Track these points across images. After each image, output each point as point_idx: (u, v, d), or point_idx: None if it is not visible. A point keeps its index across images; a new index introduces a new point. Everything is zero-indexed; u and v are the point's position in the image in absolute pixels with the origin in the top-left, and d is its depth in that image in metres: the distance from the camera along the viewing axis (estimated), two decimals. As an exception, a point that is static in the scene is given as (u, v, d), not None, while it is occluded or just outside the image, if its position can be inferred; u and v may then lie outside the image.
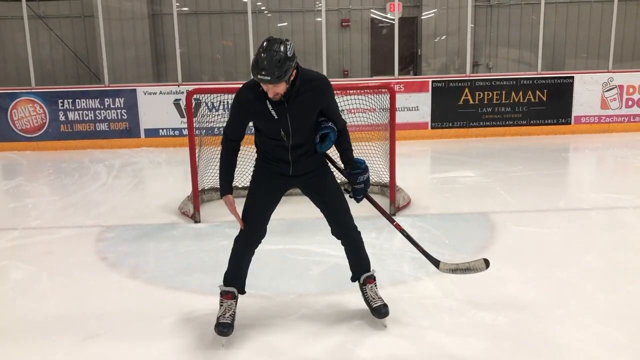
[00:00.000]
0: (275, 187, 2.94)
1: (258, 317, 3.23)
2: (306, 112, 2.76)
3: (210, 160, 5.68)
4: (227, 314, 2.95)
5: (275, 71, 2.50)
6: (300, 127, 2.78)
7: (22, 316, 3.33)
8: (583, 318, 3.13)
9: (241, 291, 3.07)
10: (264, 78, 2.52)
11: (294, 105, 2.70)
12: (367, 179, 3.04)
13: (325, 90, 2.79)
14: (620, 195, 5.64)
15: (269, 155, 2.91)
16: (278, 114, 2.71)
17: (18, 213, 5.72)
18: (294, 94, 2.69)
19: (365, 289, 3.13)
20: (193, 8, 11.83)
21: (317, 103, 2.78)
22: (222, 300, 3.01)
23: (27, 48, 9.15)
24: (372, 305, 3.07)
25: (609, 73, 9.24)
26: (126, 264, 4.15)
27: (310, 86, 2.72)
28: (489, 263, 3.08)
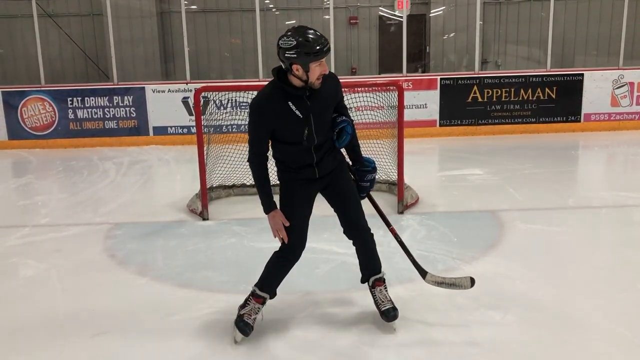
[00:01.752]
0: (307, 196, 2.92)
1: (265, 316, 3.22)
2: (326, 105, 2.78)
3: (219, 158, 5.69)
4: (253, 316, 2.96)
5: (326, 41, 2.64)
6: (322, 123, 2.77)
7: (31, 313, 3.36)
8: (592, 316, 3.10)
9: (273, 297, 3.07)
10: (328, 47, 2.61)
11: (315, 100, 2.71)
12: (373, 178, 3.05)
13: (338, 83, 2.87)
14: (630, 193, 5.59)
15: (292, 164, 2.85)
16: (302, 113, 2.69)
17: (28, 210, 5.76)
18: (315, 92, 2.69)
19: (375, 292, 3.11)
20: (201, 6, 11.85)
21: (333, 96, 2.82)
22: (251, 300, 3.00)
23: (37, 46, 9.20)
24: (381, 308, 3.06)
25: (619, 70, 9.16)
26: (134, 261, 4.17)
27: (326, 81, 2.72)
28: (475, 282, 3.05)
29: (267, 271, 3.02)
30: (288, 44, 2.56)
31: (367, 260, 3.12)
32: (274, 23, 11.92)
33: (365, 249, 3.09)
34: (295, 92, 2.66)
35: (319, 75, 2.62)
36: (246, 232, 4.71)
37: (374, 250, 3.11)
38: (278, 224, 2.84)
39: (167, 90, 9.12)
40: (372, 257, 3.12)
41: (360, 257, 3.12)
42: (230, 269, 3.98)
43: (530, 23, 11.93)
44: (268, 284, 3.02)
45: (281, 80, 2.67)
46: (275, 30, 11.54)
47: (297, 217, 2.89)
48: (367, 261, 3.12)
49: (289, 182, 2.90)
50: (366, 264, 3.13)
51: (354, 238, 3.06)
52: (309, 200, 2.95)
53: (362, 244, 3.07)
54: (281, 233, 2.86)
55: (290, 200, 2.90)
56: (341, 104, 2.93)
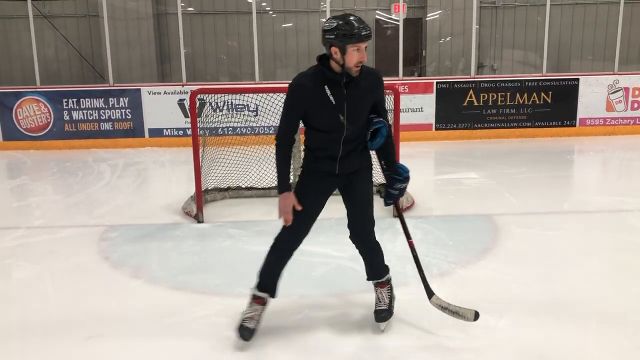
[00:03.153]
0: (323, 189, 2.90)
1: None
2: (363, 99, 2.76)
3: (214, 161, 5.68)
4: (254, 320, 2.94)
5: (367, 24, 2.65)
6: (356, 116, 2.75)
7: (24, 315, 3.33)
8: (588, 321, 3.10)
9: (273, 295, 3.03)
10: (368, 33, 2.62)
11: (352, 91, 2.71)
12: (404, 188, 3.04)
13: (381, 82, 2.85)
14: (625, 198, 5.61)
15: (319, 153, 2.83)
16: (336, 100, 2.69)
17: (22, 212, 5.73)
18: (353, 81, 2.70)
19: (376, 291, 3.17)
20: (198, 8, 11.84)
21: (373, 92, 2.80)
22: (252, 303, 2.99)
23: (33, 47, 9.17)
24: (375, 308, 3.11)
25: (614, 75, 9.20)
26: (129, 263, 4.15)
27: (368, 75, 2.75)
28: (478, 316, 2.97)
29: (263, 268, 3.01)
30: (329, 26, 2.61)
31: (372, 266, 3.15)
32: (271, 26, 11.93)
33: (370, 257, 3.11)
34: (333, 76, 2.67)
35: (357, 62, 2.63)
36: (241, 235, 4.70)
37: (379, 258, 3.13)
38: (287, 206, 2.77)
39: (163, 92, 9.11)
40: (377, 263, 3.14)
41: (366, 263, 3.15)
42: (224, 271, 3.96)
43: (526, 27, 11.97)
44: (266, 275, 3.00)
45: (323, 65, 2.69)
46: (272, 33, 11.55)
47: (305, 207, 2.85)
48: (372, 268, 3.16)
49: (308, 172, 2.89)
50: (370, 270, 3.17)
51: (360, 246, 3.08)
52: (324, 195, 2.92)
53: (367, 252, 3.10)
54: (287, 216, 2.79)
55: (304, 188, 2.89)
56: (381, 105, 2.90)
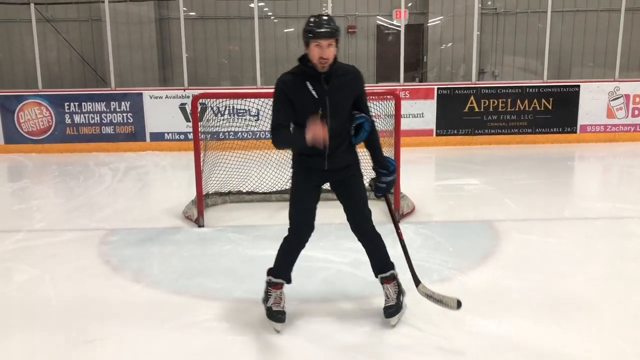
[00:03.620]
0: (313, 186, 3.08)
1: (259, 323, 3.21)
2: (343, 94, 2.93)
3: (215, 165, 5.69)
4: (281, 303, 3.14)
5: (333, 24, 2.81)
6: (337, 110, 2.91)
7: (23, 319, 3.34)
8: (588, 327, 3.11)
9: (289, 282, 3.24)
10: (323, 31, 2.76)
11: (333, 87, 2.88)
12: (392, 180, 3.14)
13: (360, 78, 3.02)
14: (625, 205, 5.61)
15: (306, 151, 2.93)
16: (318, 94, 2.87)
17: (23, 215, 5.73)
18: (333, 76, 2.88)
19: (383, 288, 3.25)
20: (200, 13, 11.87)
21: (353, 88, 2.97)
22: (271, 290, 3.17)
23: (35, 51, 9.20)
24: (384, 304, 3.20)
25: (615, 82, 9.22)
26: (129, 267, 4.15)
27: (348, 72, 2.95)
28: (461, 305, 3.03)
29: (278, 258, 3.20)
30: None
31: (375, 259, 3.25)
32: (272, 31, 11.97)
33: (372, 249, 3.22)
34: (313, 73, 2.84)
35: (318, 58, 2.79)
36: (241, 240, 4.70)
37: (381, 250, 3.23)
38: (318, 128, 2.69)
39: (165, 96, 9.13)
40: (379, 256, 3.24)
41: (369, 256, 3.25)
42: (225, 276, 3.96)
43: (527, 34, 12.01)
44: (281, 270, 3.19)
45: (303, 63, 2.88)
46: (274, 37, 11.59)
47: (303, 203, 3.07)
48: (375, 260, 3.25)
49: (299, 170, 3.07)
50: (374, 263, 3.26)
51: (360, 239, 3.20)
52: (316, 191, 3.10)
53: (368, 244, 3.20)
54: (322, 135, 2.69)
55: (297, 186, 3.09)
56: (362, 101, 3.03)
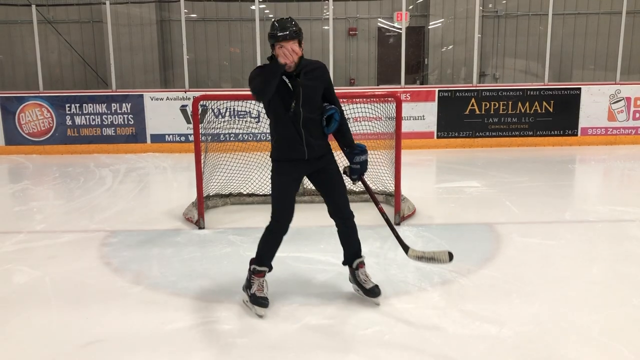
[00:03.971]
0: (294, 174, 3.33)
1: (260, 325, 3.21)
2: (314, 85, 3.25)
3: (216, 167, 5.69)
4: (264, 290, 3.38)
5: (294, 27, 3.09)
6: (309, 100, 3.23)
7: (23, 320, 3.33)
8: (589, 331, 3.09)
9: (270, 269, 3.48)
10: (283, 34, 3.05)
11: (305, 80, 3.21)
12: (364, 160, 3.39)
13: (327, 71, 3.36)
14: (626, 208, 5.60)
15: (284, 143, 3.26)
16: (293, 86, 3.19)
17: (23, 216, 5.73)
18: (303, 71, 3.20)
19: (358, 273, 3.50)
20: (201, 15, 11.88)
21: (322, 80, 3.30)
22: (255, 278, 3.40)
23: (36, 52, 9.22)
24: (366, 287, 3.45)
25: (616, 85, 9.22)
26: (130, 269, 4.14)
27: (316, 67, 3.29)
28: (453, 257, 3.28)
29: (261, 247, 3.42)
30: None
31: (351, 243, 3.49)
32: (274, 33, 11.96)
33: (350, 232, 3.46)
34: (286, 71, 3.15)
35: (281, 58, 3.03)
36: (242, 242, 4.69)
37: (356, 235, 3.48)
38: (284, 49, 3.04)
39: (166, 98, 9.14)
40: (355, 240, 3.49)
41: (344, 241, 3.48)
42: (225, 278, 3.95)
43: (528, 37, 12.02)
44: (264, 258, 3.42)
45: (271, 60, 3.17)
46: (275, 40, 11.57)
47: (283, 193, 3.31)
48: (351, 244, 3.49)
49: (279, 162, 3.32)
50: (349, 248, 3.50)
51: (339, 223, 3.43)
52: (296, 181, 3.38)
53: (347, 228, 3.44)
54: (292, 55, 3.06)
55: (278, 178, 3.32)
56: (331, 92, 3.35)
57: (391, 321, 3.25)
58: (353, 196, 5.86)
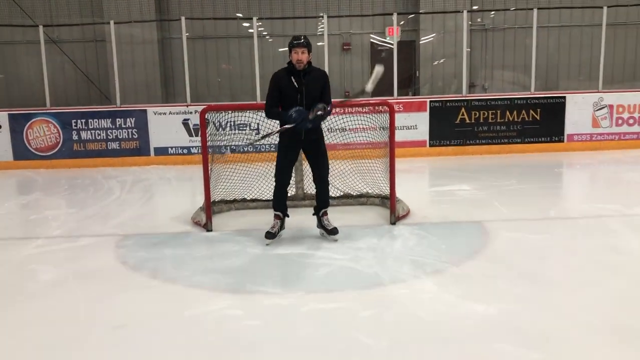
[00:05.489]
0: (292, 148, 4.81)
1: (270, 310, 3.54)
2: (314, 86, 4.62)
3: (220, 177, 6.01)
4: (275, 228, 4.88)
5: (305, 40, 4.58)
6: (310, 96, 4.58)
7: (55, 309, 3.65)
8: (568, 308, 3.43)
9: (285, 214, 4.98)
10: (297, 42, 4.53)
11: (308, 81, 4.61)
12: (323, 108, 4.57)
13: (326, 77, 4.75)
14: (607, 205, 5.97)
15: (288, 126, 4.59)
16: (298, 84, 4.59)
17: (39, 224, 6.04)
18: (309, 73, 4.61)
19: (323, 219, 4.97)
20: (200, 33, 12.30)
21: (321, 82, 4.66)
22: (273, 220, 4.94)
23: (43, 71, 9.59)
24: (328, 228, 4.92)
25: (599, 93, 9.65)
26: (146, 267, 4.46)
27: (318, 71, 4.72)
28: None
29: (274, 200, 4.92)
30: None
31: (323, 199, 4.95)
32: (270, 49, 12.38)
33: (323, 191, 4.92)
34: (294, 70, 4.59)
35: (295, 61, 4.54)
36: (247, 241, 5.01)
37: (327, 194, 4.95)
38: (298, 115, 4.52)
39: (168, 112, 9.51)
40: (325, 197, 4.95)
41: (317, 196, 4.96)
42: (235, 272, 4.28)
43: (515, 49, 12.49)
44: (277, 206, 4.92)
45: (289, 64, 4.64)
46: (271, 56, 12.01)
47: (284, 160, 4.79)
48: (322, 200, 4.96)
49: (282, 139, 4.75)
50: (320, 202, 4.96)
51: (318, 183, 4.89)
52: (295, 153, 4.87)
53: (323, 188, 4.91)
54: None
55: (283, 150, 4.78)
56: (325, 92, 4.65)
57: (389, 304, 3.59)
58: (351, 199, 6.24)
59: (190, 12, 12.12)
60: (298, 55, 4.52)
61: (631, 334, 3.10)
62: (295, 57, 4.53)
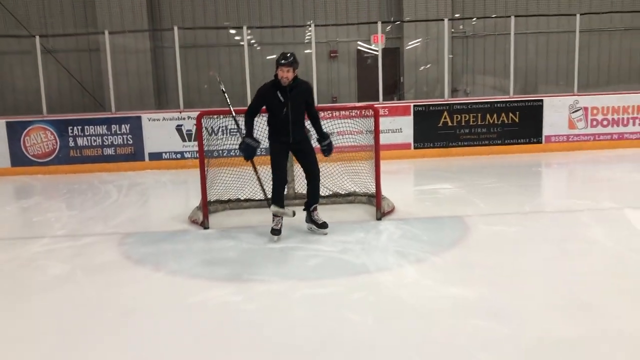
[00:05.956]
0: (283, 149, 5.17)
1: (266, 295, 3.88)
2: (299, 99, 5.01)
3: (214, 180, 6.29)
4: (279, 224, 5.21)
5: (291, 59, 4.89)
6: (295, 108, 5.00)
7: (65, 301, 3.96)
8: (536, 290, 3.81)
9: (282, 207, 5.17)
10: (284, 62, 4.85)
11: (293, 94, 4.97)
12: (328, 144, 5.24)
13: (311, 89, 5.18)
14: (578, 201, 6.39)
15: (276, 129, 5.08)
16: (284, 98, 4.95)
17: (43, 225, 6.33)
18: (294, 87, 4.95)
19: (313, 214, 5.34)
20: (192, 42, 12.63)
21: (305, 95, 5.07)
22: (274, 219, 5.20)
23: (40, 79, 9.88)
24: (318, 222, 5.30)
25: (574, 96, 10.12)
26: (149, 261, 4.79)
27: (303, 84, 5.06)
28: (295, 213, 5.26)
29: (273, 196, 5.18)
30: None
31: (313, 194, 5.29)
32: (259, 57, 12.74)
33: (314, 188, 5.27)
34: (280, 85, 4.93)
35: (281, 77, 4.88)
36: (243, 237, 5.34)
37: (317, 190, 5.29)
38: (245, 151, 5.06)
39: (162, 118, 9.82)
40: (316, 192, 5.29)
41: (309, 192, 5.31)
42: (232, 264, 4.62)
43: (495, 55, 12.97)
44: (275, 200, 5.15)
45: (275, 78, 4.95)
46: (261, 64, 12.37)
47: (279, 165, 5.12)
48: (313, 196, 5.30)
49: (272, 142, 5.15)
50: (311, 197, 5.31)
51: (309, 180, 5.26)
52: (286, 155, 5.23)
53: (314, 184, 5.26)
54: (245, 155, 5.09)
55: (275, 153, 5.13)
56: (310, 105, 5.13)
57: (375, 289, 3.95)
58: (339, 198, 6.60)
59: (182, 21, 12.47)
60: (284, 73, 4.85)
61: (589, 309, 3.49)
62: (281, 74, 4.86)
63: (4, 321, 3.67)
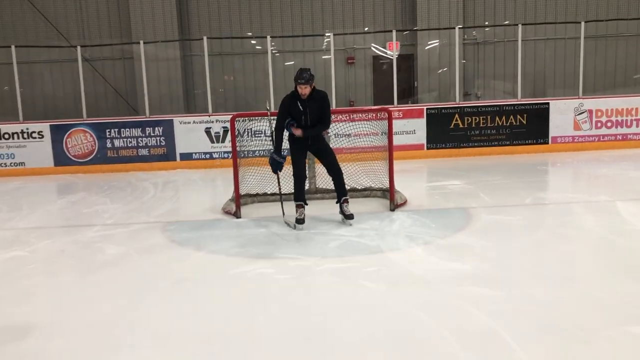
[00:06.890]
0: (301, 149, 5.86)
1: (295, 269, 4.58)
2: (316, 108, 5.64)
3: (243, 176, 7.00)
4: (302, 215, 5.85)
5: (307, 76, 5.50)
6: (312, 115, 5.65)
7: (124, 272, 4.70)
8: (526, 265, 4.44)
9: (305, 204, 5.92)
10: (301, 81, 5.48)
11: (311, 103, 5.62)
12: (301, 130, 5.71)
13: (326, 98, 5.74)
14: (576, 195, 6.99)
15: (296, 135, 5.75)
16: (303, 107, 5.62)
17: (93, 215, 7.11)
18: (312, 98, 5.59)
19: (343, 206, 5.92)
20: (218, 50, 13.44)
21: (321, 105, 5.67)
22: (297, 209, 5.88)
23: (81, 86, 10.75)
24: (346, 213, 5.88)
25: (579, 99, 10.69)
26: (191, 243, 5.51)
27: (320, 95, 5.68)
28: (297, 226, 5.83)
29: (295, 192, 5.89)
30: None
31: (340, 188, 5.95)
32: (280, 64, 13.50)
33: (340, 182, 5.93)
34: (300, 97, 5.57)
35: (300, 93, 5.52)
36: (271, 225, 6.04)
37: (342, 184, 5.94)
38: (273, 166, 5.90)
39: (192, 121, 10.61)
40: (342, 186, 5.94)
41: (337, 186, 5.95)
42: (264, 245, 5.32)
43: (505, 60, 13.58)
44: (298, 195, 5.88)
45: (295, 90, 5.60)
46: (283, 69, 13.13)
47: (299, 162, 5.83)
48: (340, 189, 5.95)
49: (293, 143, 5.84)
50: (339, 191, 5.95)
51: (333, 175, 5.92)
52: (304, 154, 5.93)
53: (338, 179, 5.92)
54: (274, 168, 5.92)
55: (294, 153, 5.84)
56: (324, 112, 5.68)
57: (387, 264, 4.60)
58: (356, 193, 7.28)
59: (210, 31, 13.29)
60: (302, 90, 5.48)
61: (570, 280, 4.12)
62: (300, 91, 5.50)
63: (78, 288, 4.42)
